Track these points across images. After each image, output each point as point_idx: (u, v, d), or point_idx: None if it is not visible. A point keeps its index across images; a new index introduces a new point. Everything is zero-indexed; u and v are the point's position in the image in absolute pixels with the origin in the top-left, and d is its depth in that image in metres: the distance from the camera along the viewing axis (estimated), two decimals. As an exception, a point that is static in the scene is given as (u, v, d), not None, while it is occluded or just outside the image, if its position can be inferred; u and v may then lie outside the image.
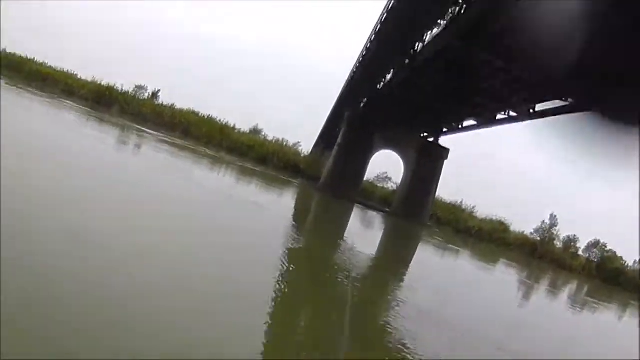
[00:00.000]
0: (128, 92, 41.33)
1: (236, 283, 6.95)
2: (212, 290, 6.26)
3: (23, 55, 41.86)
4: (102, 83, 40.09)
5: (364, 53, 28.49)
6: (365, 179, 34.22)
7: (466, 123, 28.26)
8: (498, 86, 19.19)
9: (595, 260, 37.32)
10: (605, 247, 38.23)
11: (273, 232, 12.20)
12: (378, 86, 28.90)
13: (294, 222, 15.85)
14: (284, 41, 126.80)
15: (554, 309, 16.05)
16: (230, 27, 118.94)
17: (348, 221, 23.24)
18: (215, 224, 10.77)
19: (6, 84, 26.17)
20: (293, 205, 22.26)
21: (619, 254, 37.44)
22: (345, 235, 17.54)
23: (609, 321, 18.10)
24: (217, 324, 5.33)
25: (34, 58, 42.02)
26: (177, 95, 62.06)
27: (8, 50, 41.32)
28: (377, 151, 33.42)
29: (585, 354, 9.78)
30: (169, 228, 8.60)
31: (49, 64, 42.09)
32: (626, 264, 36.67)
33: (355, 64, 32.24)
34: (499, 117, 23.47)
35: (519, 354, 8.03)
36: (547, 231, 37.79)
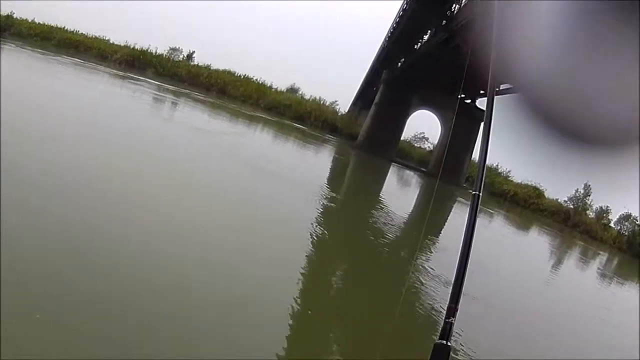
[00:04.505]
0: (162, 54, 41.55)
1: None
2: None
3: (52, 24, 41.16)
4: (136, 47, 40.14)
5: (400, 13, 28.14)
6: (402, 138, 34.22)
7: (502, 86, 27.75)
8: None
9: (626, 233, 35.64)
10: (636, 220, 36.20)
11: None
12: (415, 46, 28.60)
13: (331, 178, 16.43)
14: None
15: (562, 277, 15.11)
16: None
17: (385, 179, 23.68)
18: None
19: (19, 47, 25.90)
20: (330, 161, 22.99)
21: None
22: (382, 192, 17.99)
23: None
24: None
25: (65, 27, 41.42)
26: (212, 56, 62.18)
27: (37, 20, 40.74)
28: (415, 111, 33.25)
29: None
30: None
31: (80, 32, 41.63)
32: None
33: (392, 24, 31.85)
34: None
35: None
36: (581, 200, 36.83)
